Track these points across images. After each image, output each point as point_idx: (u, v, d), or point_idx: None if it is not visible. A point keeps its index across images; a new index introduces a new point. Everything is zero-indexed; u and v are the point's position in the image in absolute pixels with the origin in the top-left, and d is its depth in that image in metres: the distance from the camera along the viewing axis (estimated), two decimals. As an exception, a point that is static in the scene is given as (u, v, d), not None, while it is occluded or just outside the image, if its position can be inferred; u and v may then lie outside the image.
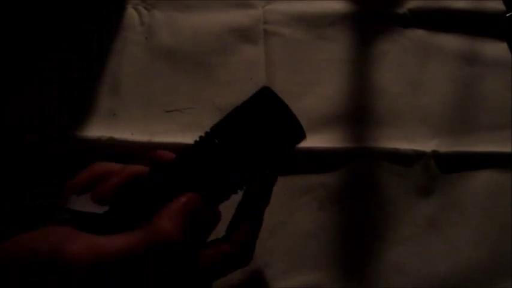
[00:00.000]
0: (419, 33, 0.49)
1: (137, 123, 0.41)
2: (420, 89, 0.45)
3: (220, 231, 0.26)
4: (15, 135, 0.39)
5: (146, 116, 0.42)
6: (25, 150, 0.38)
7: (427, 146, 0.42)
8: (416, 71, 0.46)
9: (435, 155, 0.41)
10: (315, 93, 0.44)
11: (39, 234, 0.21)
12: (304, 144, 0.40)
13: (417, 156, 0.41)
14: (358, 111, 0.44)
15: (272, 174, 0.29)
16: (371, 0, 0.50)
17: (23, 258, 0.20)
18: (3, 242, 0.21)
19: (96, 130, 0.40)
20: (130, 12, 0.47)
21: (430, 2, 0.50)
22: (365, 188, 0.40)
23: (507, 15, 0.50)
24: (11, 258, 0.20)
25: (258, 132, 0.27)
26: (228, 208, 0.27)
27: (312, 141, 0.41)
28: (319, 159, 0.41)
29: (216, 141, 0.27)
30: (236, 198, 0.27)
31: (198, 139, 0.27)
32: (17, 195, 0.36)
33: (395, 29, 0.48)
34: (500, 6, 0.50)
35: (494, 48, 0.48)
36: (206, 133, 0.27)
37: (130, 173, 0.26)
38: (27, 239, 0.21)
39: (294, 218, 0.38)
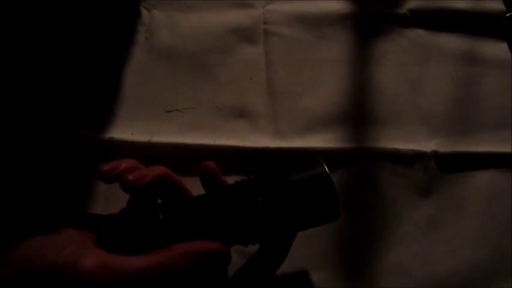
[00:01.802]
0: (419, 33, 0.49)
1: (137, 123, 0.41)
2: (420, 89, 0.45)
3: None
4: (15, 135, 0.39)
5: (146, 116, 0.42)
6: (26, 150, 0.38)
7: (427, 146, 0.42)
8: (416, 71, 0.46)
9: (435, 155, 0.41)
10: (315, 93, 0.44)
11: (52, 242, 0.21)
12: (304, 144, 0.41)
13: (417, 156, 0.41)
14: (358, 111, 0.44)
15: (291, 236, 0.29)
16: (371, 0, 0.50)
17: (33, 267, 0.20)
18: (11, 246, 0.21)
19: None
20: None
21: (430, 2, 0.50)
22: (365, 188, 0.40)
23: (507, 15, 0.50)
24: (20, 265, 0.20)
25: (296, 199, 0.26)
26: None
27: (312, 141, 0.41)
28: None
29: (256, 195, 0.27)
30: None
31: (239, 181, 0.28)
32: (17, 196, 0.36)
33: (395, 29, 0.48)
34: (500, 6, 0.50)
35: (494, 48, 0.48)
36: (249, 179, 0.27)
37: (160, 174, 0.26)
38: (39, 247, 0.21)
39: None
